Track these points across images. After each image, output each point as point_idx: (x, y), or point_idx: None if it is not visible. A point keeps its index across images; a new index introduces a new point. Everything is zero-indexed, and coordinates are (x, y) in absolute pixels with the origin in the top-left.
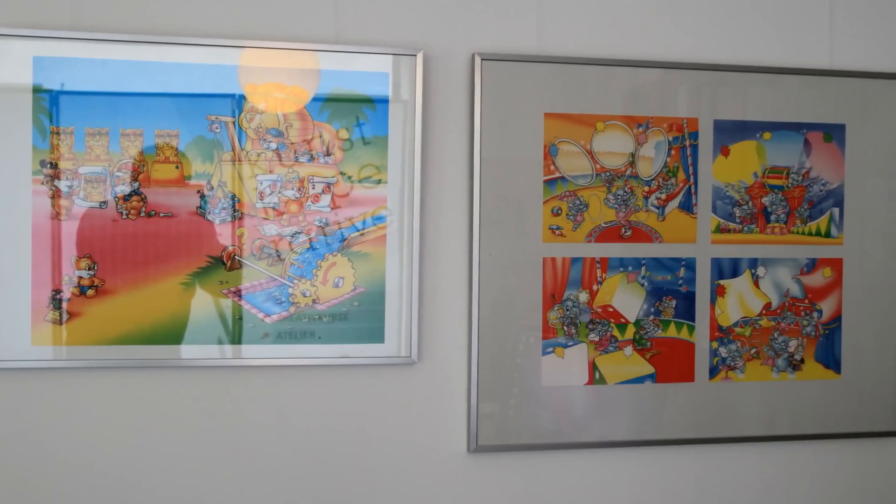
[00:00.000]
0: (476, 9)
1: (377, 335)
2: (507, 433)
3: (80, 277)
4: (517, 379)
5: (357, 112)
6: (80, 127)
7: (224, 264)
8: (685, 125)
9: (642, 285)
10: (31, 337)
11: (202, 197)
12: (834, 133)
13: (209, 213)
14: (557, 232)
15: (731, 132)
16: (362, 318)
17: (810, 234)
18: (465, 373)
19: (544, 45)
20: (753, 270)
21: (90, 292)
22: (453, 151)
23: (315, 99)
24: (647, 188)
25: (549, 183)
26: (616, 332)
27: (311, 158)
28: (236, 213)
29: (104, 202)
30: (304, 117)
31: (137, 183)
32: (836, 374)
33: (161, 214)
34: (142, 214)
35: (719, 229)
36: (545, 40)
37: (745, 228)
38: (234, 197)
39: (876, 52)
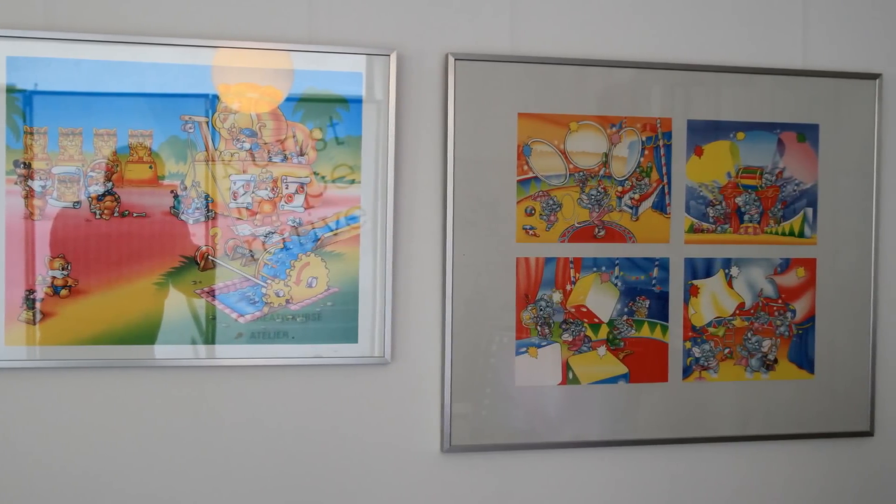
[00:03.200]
0: (450, 9)
1: (350, 335)
2: (480, 433)
3: (54, 277)
4: (490, 379)
5: (330, 112)
6: (53, 127)
7: (197, 264)
8: (658, 125)
9: (616, 285)
10: (5, 337)
11: (176, 197)
12: (807, 133)
13: (183, 213)
14: (531, 232)
15: (704, 132)
16: (336, 318)
17: (784, 234)
18: (438, 373)
19: (518, 45)
20: (727, 270)
21: (64, 292)
22: (427, 151)
23: (288, 99)
24: (620, 188)
25: (523, 183)
26: (589, 332)
27: (285, 158)
28: (210, 213)
29: (78, 202)
30: (278, 117)
31: (111, 183)
32: (810, 374)
33: (134, 214)
34: (115, 214)
35: (693, 229)
36: (519, 40)
37: (719, 228)
38: (207, 197)
39: (849, 52)
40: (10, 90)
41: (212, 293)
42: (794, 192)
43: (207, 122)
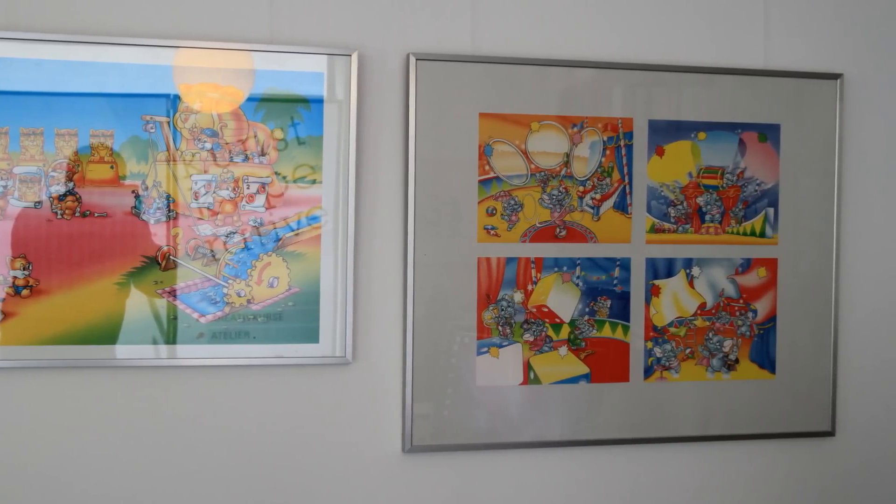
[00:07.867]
0: (411, 9)
1: (312, 335)
2: (441, 433)
3: (15, 277)
4: (452, 379)
5: (292, 112)
6: (14, 127)
7: (159, 264)
8: (620, 125)
9: (577, 285)
10: None
11: (137, 197)
12: (769, 133)
13: (144, 213)
14: (492, 232)
15: (665, 132)
16: (297, 319)
17: (745, 234)
18: (399, 373)
19: (479, 45)
20: (688, 270)
21: (25, 292)
22: (388, 151)
23: (250, 99)
24: (581, 188)
25: (484, 183)
26: (551, 332)
27: (246, 158)
28: (171, 213)
29: (39, 202)
30: (239, 117)
31: (72, 183)
32: (771, 374)
33: (96, 214)
34: (77, 214)
35: (654, 229)
36: (480, 40)
37: (680, 228)
38: (168, 197)
39: (810, 53)
40: None
41: (173, 293)
42: (755, 192)
43: (169, 122)
